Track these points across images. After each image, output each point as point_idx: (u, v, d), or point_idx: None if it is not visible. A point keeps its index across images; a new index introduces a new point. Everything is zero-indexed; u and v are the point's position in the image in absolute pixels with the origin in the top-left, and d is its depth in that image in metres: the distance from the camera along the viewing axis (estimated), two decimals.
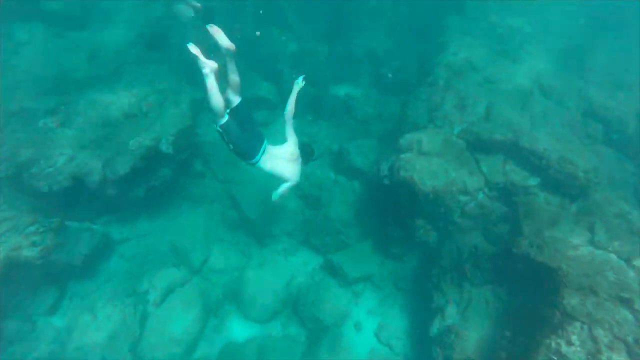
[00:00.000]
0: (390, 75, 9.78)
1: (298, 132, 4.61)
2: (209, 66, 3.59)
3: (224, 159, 8.29)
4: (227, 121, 3.84)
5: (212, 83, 3.63)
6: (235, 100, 3.93)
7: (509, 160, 6.66)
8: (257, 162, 4.12)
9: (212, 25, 3.62)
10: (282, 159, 4.32)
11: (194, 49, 3.57)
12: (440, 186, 5.95)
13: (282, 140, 4.51)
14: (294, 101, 4.28)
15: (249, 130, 4.03)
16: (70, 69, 7.75)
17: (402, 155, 6.23)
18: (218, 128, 3.87)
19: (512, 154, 6.62)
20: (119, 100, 7.07)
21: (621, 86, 7.87)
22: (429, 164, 6.12)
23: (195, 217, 7.69)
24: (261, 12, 9.48)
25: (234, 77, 3.83)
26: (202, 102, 8.19)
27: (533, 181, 6.34)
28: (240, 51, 3.82)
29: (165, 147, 6.70)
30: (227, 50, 3.68)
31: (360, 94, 10.04)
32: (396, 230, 7.17)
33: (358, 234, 7.63)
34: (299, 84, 4.30)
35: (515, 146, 6.53)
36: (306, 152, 4.57)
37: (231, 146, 3.95)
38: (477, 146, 6.69)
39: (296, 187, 4.70)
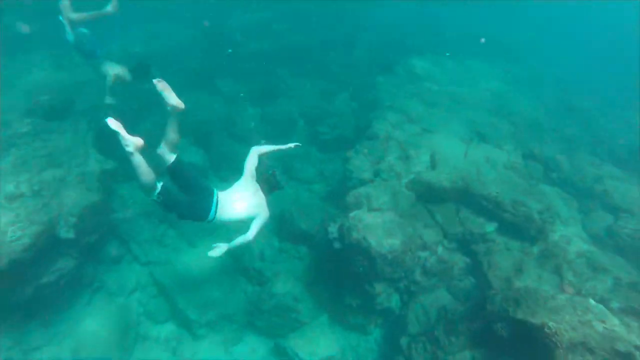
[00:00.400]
0: (327, 132, 9.47)
1: None
2: (133, 144, 3.24)
3: (146, 236, 7.04)
4: (162, 188, 3.44)
5: (138, 160, 3.29)
6: (171, 158, 3.55)
7: (462, 208, 6.31)
8: (213, 218, 3.68)
9: (160, 79, 3.31)
10: (240, 200, 3.85)
11: (114, 123, 3.21)
12: (398, 245, 5.28)
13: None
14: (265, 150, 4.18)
15: (193, 186, 3.64)
16: None
17: (352, 214, 5.54)
18: (154, 198, 3.46)
19: (464, 201, 6.29)
20: (1, 181, 5.71)
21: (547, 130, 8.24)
22: (381, 220, 5.48)
23: (109, 314, 6.15)
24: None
25: (174, 136, 3.50)
26: (116, 172, 7.05)
27: (490, 227, 5.96)
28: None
29: (65, 232, 5.38)
30: (174, 107, 3.37)
31: (298, 152, 9.54)
32: (354, 299, 6.23)
33: (311, 309, 6.54)
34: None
35: (466, 193, 6.22)
36: (268, 183, 4.05)
37: (175, 214, 3.59)
38: (428, 196, 6.28)
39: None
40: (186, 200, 3.58)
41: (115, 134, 3.21)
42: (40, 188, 5.70)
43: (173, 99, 3.33)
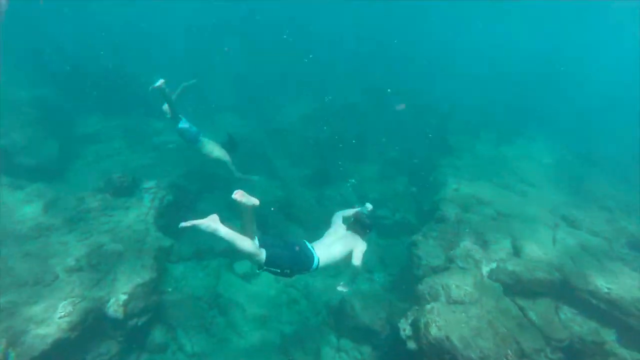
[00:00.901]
0: (387, 216, 8.94)
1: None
2: (212, 222, 3.37)
3: (194, 322, 6.47)
4: (268, 253, 3.51)
5: (227, 232, 3.36)
6: (256, 241, 3.56)
7: (563, 306, 5.18)
8: (317, 264, 3.80)
9: (237, 191, 3.29)
10: (335, 242, 4.03)
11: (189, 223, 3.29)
12: (490, 349, 4.25)
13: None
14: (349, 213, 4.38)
15: (287, 245, 3.76)
16: (17, 221, 6.60)
17: (428, 307, 4.68)
18: (264, 267, 3.55)
19: (565, 298, 5.18)
20: (65, 254, 5.69)
21: None
22: (465, 316, 4.55)
23: None
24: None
25: (252, 226, 3.50)
26: (171, 250, 6.88)
27: (609, 336, 4.72)
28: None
29: (114, 311, 5.03)
30: (253, 206, 3.34)
31: None
32: None
33: None
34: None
35: (566, 287, 5.15)
36: (361, 224, 4.20)
37: (288, 271, 3.65)
38: (517, 289, 5.27)
39: None
40: (289, 256, 3.64)
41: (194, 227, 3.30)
42: (98, 262, 5.57)
43: (252, 200, 3.31)
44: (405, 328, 4.79)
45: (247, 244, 3.39)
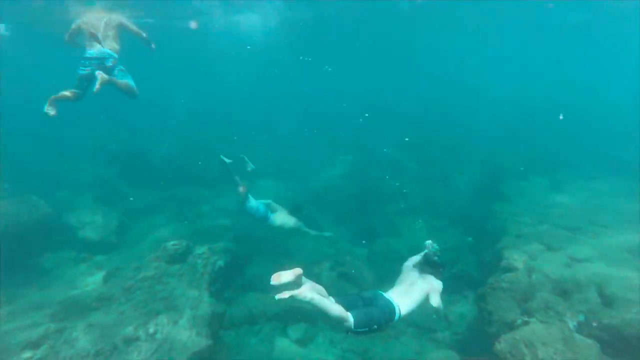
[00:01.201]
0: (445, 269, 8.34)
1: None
2: (308, 291, 3.32)
3: None
4: (355, 315, 3.48)
5: (321, 302, 3.34)
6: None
7: None
8: (399, 314, 3.76)
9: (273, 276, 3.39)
10: (410, 288, 4.03)
11: (278, 278, 3.34)
12: None
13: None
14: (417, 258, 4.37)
15: (366, 300, 3.76)
16: (81, 292, 6.83)
17: None
18: (355, 330, 3.52)
19: None
20: (123, 324, 5.71)
21: None
22: None
23: None
24: None
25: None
26: (224, 316, 6.72)
27: None
28: None
29: None
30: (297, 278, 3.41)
31: None
32: None
33: None
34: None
35: None
36: (431, 265, 4.18)
37: (375, 327, 3.63)
38: (618, 347, 4.53)
39: None
40: (375, 312, 3.61)
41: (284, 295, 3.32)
42: (155, 332, 5.50)
43: (289, 276, 3.34)
44: None
45: (338, 309, 3.37)
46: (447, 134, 15.79)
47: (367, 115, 15.91)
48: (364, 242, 9.84)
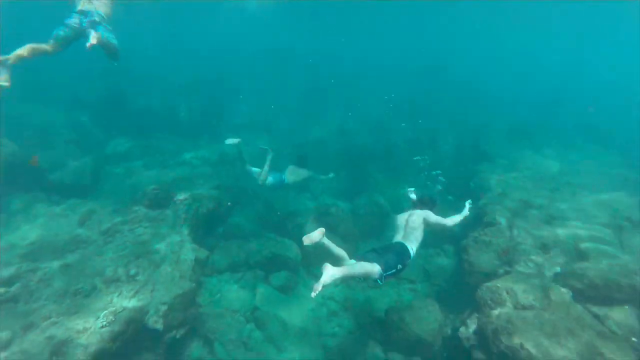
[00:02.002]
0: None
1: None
2: (330, 276, 3.45)
3: (232, 335, 6.14)
4: (383, 264, 3.82)
5: (346, 271, 3.55)
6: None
7: None
8: (412, 252, 4.33)
9: (304, 238, 3.61)
10: (411, 229, 4.55)
11: (309, 240, 3.57)
12: (573, 359, 3.76)
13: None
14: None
15: (383, 251, 4.08)
16: (54, 233, 6.55)
17: (495, 313, 4.25)
18: (385, 274, 3.83)
19: None
20: (102, 265, 5.54)
21: None
22: (538, 322, 4.08)
23: None
24: None
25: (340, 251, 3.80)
26: (206, 262, 6.67)
27: None
28: None
29: (154, 321, 4.77)
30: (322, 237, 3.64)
31: None
32: None
33: None
34: None
35: None
36: (428, 203, 4.95)
37: (400, 267, 4.02)
38: (589, 295, 4.76)
39: None
40: (394, 257, 4.01)
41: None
42: (136, 273, 5.37)
43: (316, 237, 3.57)
44: (468, 337, 4.35)
45: (362, 267, 3.66)
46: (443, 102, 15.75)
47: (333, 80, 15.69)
48: (348, 197, 9.87)
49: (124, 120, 11.89)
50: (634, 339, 4.14)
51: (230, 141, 7.23)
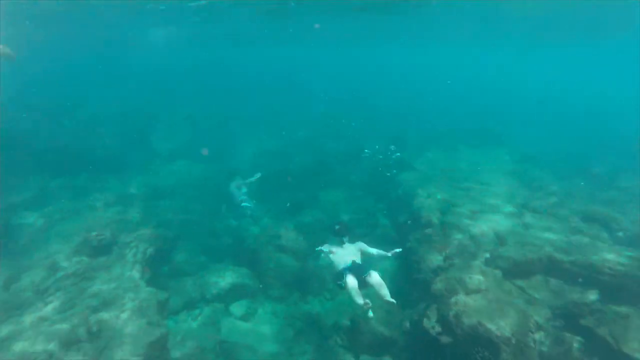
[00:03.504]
0: (368, 232, 9.29)
1: None
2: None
3: None
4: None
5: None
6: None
7: (551, 280, 5.89)
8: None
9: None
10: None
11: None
12: (517, 325, 4.69)
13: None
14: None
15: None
16: None
17: (453, 300, 5.03)
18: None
19: (551, 272, 5.91)
20: (54, 329, 5.03)
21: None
22: (486, 302, 4.98)
23: None
24: None
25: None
26: (167, 303, 6.42)
27: (593, 295, 5.46)
28: None
29: None
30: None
31: None
32: None
33: None
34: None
35: (552, 262, 5.90)
36: (340, 233, 5.53)
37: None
38: (513, 272, 5.90)
39: None
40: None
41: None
42: (99, 329, 5.00)
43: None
44: (433, 326, 5.05)
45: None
46: (360, 114, 17.09)
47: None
48: (290, 215, 10.20)
49: (29, 161, 10.56)
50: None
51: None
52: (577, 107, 25.00)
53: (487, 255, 6.20)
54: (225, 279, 7.65)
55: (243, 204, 8.84)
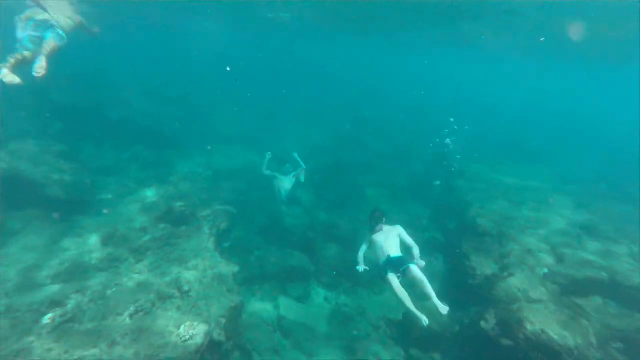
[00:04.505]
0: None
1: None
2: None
3: (266, 345, 6.57)
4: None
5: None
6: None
7: (608, 301, 6.05)
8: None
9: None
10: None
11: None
12: (579, 339, 4.94)
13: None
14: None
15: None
16: (77, 254, 6.43)
17: (516, 307, 5.32)
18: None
19: (611, 295, 6.07)
20: (148, 283, 5.69)
21: None
22: (549, 312, 5.24)
23: None
24: None
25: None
26: (237, 276, 7.00)
27: None
28: None
29: (217, 334, 5.09)
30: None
31: None
32: None
33: None
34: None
35: (613, 285, 6.05)
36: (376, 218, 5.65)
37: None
38: (572, 290, 6.09)
39: None
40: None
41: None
42: (189, 289, 5.61)
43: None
44: (493, 328, 5.36)
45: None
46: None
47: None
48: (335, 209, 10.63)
49: (103, 130, 11.50)
50: None
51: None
52: (609, 127, 24.54)
53: (546, 270, 6.41)
54: (282, 260, 8.19)
55: (284, 191, 8.67)
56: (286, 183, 8.58)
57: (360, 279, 8.52)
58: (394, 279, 4.95)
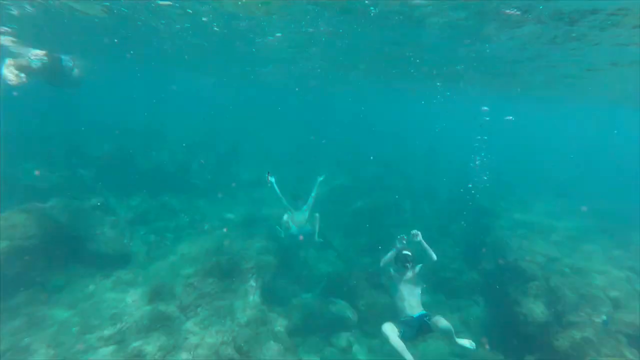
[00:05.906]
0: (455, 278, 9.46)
1: None
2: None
3: None
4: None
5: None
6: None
7: None
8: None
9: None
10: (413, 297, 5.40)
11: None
12: None
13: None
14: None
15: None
16: (122, 311, 6.38)
17: None
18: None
19: None
20: (205, 343, 5.60)
21: None
22: None
23: None
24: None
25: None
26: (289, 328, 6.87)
27: None
28: None
29: None
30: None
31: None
32: None
33: None
34: None
35: None
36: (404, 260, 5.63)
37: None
38: (634, 338, 5.93)
39: None
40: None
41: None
42: (248, 350, 5.51)
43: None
44: None
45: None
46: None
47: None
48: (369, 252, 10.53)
49: (134, 179, 11.69)
50: None
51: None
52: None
53: (604, 317, 6.27)
54: (331, 311, 8.00)
55: (294, 225, 7.91)
56: (299, 216, 8.07)
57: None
58: (393, 331, 4.93)
